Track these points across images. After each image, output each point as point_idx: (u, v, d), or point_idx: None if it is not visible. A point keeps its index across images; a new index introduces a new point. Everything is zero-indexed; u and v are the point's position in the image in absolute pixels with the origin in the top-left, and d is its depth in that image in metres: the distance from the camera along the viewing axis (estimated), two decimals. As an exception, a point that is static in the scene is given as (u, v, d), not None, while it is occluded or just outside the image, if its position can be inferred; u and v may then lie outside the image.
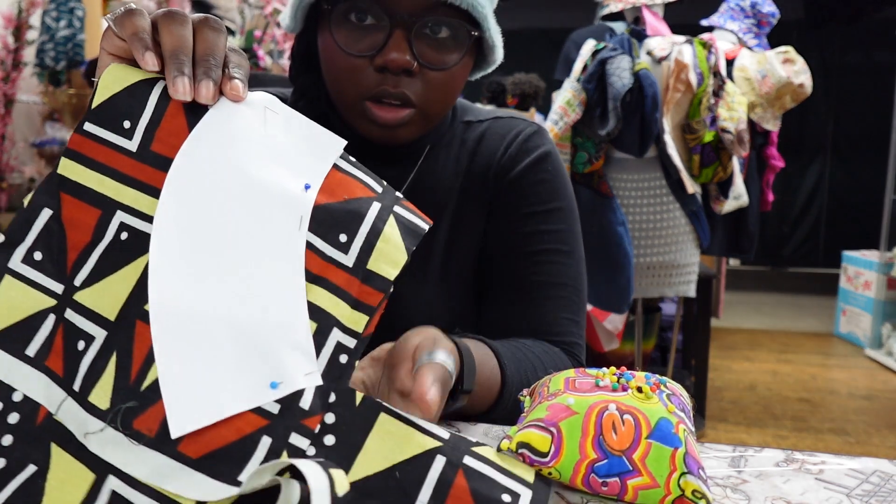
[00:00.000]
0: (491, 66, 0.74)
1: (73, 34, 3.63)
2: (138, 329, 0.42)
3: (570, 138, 2.18)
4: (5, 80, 3.29)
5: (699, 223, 2.20)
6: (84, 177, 0.47)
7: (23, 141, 3.65)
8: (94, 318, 0.44)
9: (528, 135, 0.77)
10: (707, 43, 2.15)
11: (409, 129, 0.68)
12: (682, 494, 0.43)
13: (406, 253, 0.48)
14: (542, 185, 0.75)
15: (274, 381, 0.41)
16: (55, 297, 0.45)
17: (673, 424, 0.45)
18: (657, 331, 2.90)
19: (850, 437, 2.60)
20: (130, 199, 0.46)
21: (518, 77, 4.01)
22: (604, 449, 0.45)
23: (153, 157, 0.46)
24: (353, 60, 0.64)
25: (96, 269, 0.45)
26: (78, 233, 0.46)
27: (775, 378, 3.29)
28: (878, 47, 5.78)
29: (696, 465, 0.44)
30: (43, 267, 0.45)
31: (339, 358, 0.44)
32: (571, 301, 0.75)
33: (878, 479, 0.50)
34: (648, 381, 0.49)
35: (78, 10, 3.65)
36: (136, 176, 0.46)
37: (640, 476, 0.44)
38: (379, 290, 0.46)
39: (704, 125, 2.12)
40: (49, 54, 3.60)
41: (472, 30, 0.64)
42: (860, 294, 3.84)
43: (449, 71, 0.65)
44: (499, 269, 0.75)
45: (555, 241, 0.74)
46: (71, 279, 0.45)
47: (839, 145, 6.02)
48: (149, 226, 0.45)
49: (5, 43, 3.31)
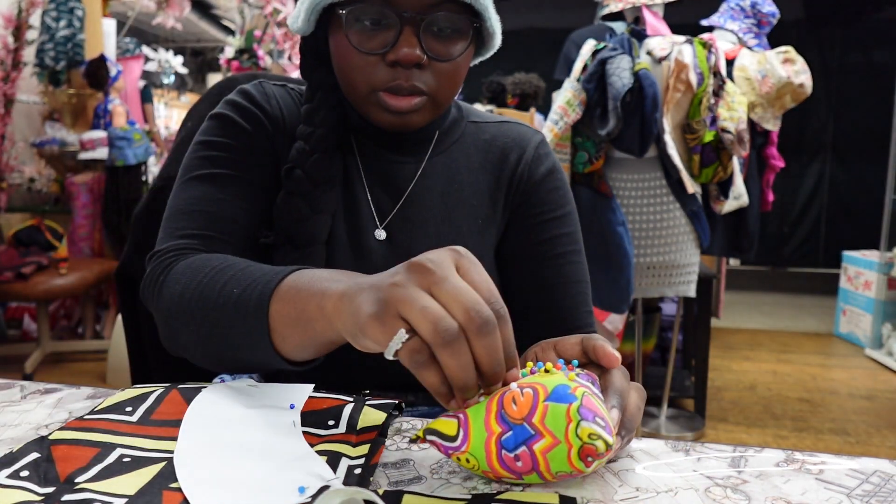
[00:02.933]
0: (490, 51, 0.78)
1: (73, 34, 3.62)
2: (166, 496, 0.46)
3: (570, 138, 2.17)
4: (5, 80, 3.29)
5: (699, 223, 2.20)
6: (80, 435, 0.53)
7: (23, 141, 3.64)
8: (105, 494, 0.46)
9: (538, 143, 0.83)
10: (707, 43, 2.15)
11: (420, 115, 0.72)
12: (583, 443, 0.44)
13: (385, 416, 0.57)
14: (556, 192, 0.82)
15: (301, 487, 0.47)
16: (43, 495, 0.46)
17: (570, 387, 0.46)
18: (657, 331, 2.90)
19: (851, 437, 2.59)
20: (130, 441, 0.53)
21: (518, 77, 4.01)
22: (506, 421, 0.45)
23: (153, 421, 0.55)
24: (368, 58, 0.69)
25: (99, 474, 0.49)
26: (71, 464, 0.50)
27: (775, 378, 3.29)
28: (878, 47, 5.78)
29: (592, 413, 0.44)
30: (30, 479, 0.48)
31: (354, 471, 0.49)
32: (587, 294, 0.82)
33: (878, 479, 0.50)
34: (563, 368, 0.50)
35: (78, 10, 3.65)
36: (136, 433, 0.54)
37: (543, 438, 0.44)
38: (373, 431, 0.54)
39: (704, 125, 2.12)
40: (49, 54, 3.59)
41: (475, 21, 0.69)
42: (860, 294, 3.84)
43: (455, 61, 0.70)
44: (521, 273, 0.80)
45: (570, 242, 0.81)
46: (68, 482, 0.48)
47: (839, 145, 6.02)
48: (153, 453, 0.51)
49: (5, 43, 3.31)
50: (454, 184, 0.80)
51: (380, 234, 0.76)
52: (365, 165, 0.79)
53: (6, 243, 3.24)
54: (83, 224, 3.51)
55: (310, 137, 0.74)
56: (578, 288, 0.80)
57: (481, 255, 0.77)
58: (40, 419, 0.59)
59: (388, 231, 0.77)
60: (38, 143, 3.60)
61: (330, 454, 0.51)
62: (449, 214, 0.78)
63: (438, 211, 0.78)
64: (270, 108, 0.77)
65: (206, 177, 0.73)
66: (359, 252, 0.76)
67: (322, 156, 0.74)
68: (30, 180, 3.56)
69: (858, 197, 5.82)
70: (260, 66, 4.12)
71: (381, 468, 0.51)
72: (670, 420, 2.63)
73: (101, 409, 0.58)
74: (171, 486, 0.47)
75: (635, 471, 0.51)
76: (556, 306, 0.79)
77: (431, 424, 0.48)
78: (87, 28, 3.74)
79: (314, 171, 0.73)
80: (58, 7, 3.58)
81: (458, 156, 0.81)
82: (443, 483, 0.48)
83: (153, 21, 4.96)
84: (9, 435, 0.56)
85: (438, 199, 0.78)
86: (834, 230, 6.04)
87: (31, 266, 2.98)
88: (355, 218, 0.77)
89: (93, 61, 3.58)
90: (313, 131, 0.74)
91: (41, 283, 2.95)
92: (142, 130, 3.59)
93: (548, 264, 0.79)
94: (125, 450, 0.52)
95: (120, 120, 3.56)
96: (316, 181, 0.73)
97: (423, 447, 0.54)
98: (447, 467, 0.51)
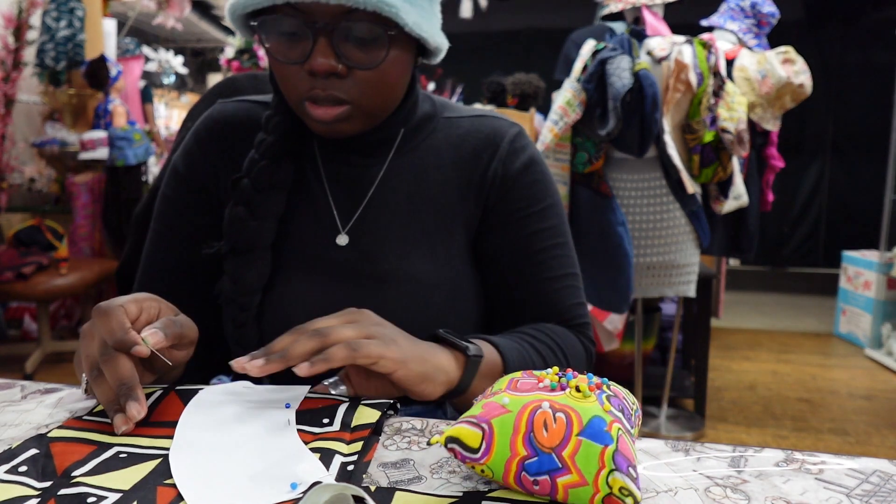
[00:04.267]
0: (434, 55, 0.76)
1: (73, 34, 3.62)
2: (160, 492, 0.47)
3: (570, 138, 2.17)
4: (5, 80, 3.28)
5: (699, 223, 2.20)
6: (78, 433, 0.54)
7: (23, 141, 3.64)
8: (101, 488, 0.47)
9: (513, 136, 0.81)
10: (707, 43, 2.15)
11: (350, 124, 0.71)
12: (611, 492, 0.43)
13: (379, 413, 0.57)
14: (535, 186, 0.80)
15: (294, 483, 0.47)
16: (40, 490, 0.47)
17: (606, 422, 0.44)
18: (657, 331, 2.90)
19: (850, 437, 2.60)
20: (127, 440, 0.54)
21: (518, 77, 4.01)
22: (534, 446, 0.44)
23: (151, 423, 0.56)
24: (290, 67, 0.69)
25: (96, 469, 0.50)
26: (68, 458, 0.51)
27: (775, 378, 3.29)
28: (878, 47, 5.77)
29: (626, 462, 0.43)
30: (28, 474, 0.49)
31: (347, 468, 0.50)
32: (575, 287, 0.81)
33: (877, 479, 0.50)
34: (590, 382, 0.49)
35: (78, 10, 3.65)
36: (133, 433, 0.55)
37: (570, 474, 0.43)
38: (367, 429, 0.55)
39: (704, 125, 2.12)
40: (49, 54, 3.59)
41: (389, 29, 0.67)
42: (860, 294, 3.84)
43: (378, 68, 0.68)
44: (506, 270, 0.79)
45: (553, 235, 0.80)
46: (65, 475, 0.49)
47: (839, 145, 6.02)
48: (149, 449, 0.52)
49: (5, 43, 3.30)
50: (422, 183, 0.78)
51: (341, 240, 0.76)
52: (326, 170, 0.78)
53: (6, 243, 3.24)
54: (83, 224, 3.51)
55: (260, 146, 0.75)
56: (565, 281, 0.80)
57: (450, 253, 0.77)
58: (40, 419, 0.59)
59: (351, 235, 0.76)
60: (39, 143, 3.60)
61: (323, 451, 0.51)
62: (415, 214, 0.77)
63: (404, 211, 0.77)
64: (210, 139, 0.80)
65: (153, 232, 0.82)
66: (318, 258, 0.75)
67: (269, 162, 0.74)
68: (30, 180, 3.56)
69: (858, 197, 5.82)
70: (260, 66, 4.12)
71: (381, 468, 0.51)
72: (670, 420, 2.64)
73: (99, 409, 0.58)
74: (166, 483, 0.47)
75: (635, 470, 0.51)
76: (544, 300, 0.79)
77: (453, 432, 0.46)
78: (88, 28, 3.74)
79: (258, 178, 0.74)
80: (58, 7, 3.58)
81: (428, 153, 0.79)
82: (443, 483, 0.48)
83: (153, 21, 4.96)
84: (9, 434, 0.56)
85: (404, 200, 0.77)
86: (834, 230, 6.03)
87: (32, 266, 2.98)
88: (315, 224, 0.77)
89: (93, 61, 3.58)
90: (264, 139, 0.76)
91: (41, 283, 2.95)
92: (142, 130, 3.59)
93: (531, 260, 0.79)
94: (122, 447, 0.52)
95: (120, 120, 3.56)
96: (259, 187, 0.74)
97: (422, 447, 0.54)
98: (447, 467, 0.51)
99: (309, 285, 0.75)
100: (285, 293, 0.75)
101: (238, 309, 0.74)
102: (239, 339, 0.75)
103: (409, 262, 0.75)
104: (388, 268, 0.75)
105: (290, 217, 0.77)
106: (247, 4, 0.66)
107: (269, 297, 0.75)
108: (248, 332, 0.75)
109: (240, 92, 0.97)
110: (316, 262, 0.75)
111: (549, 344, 0.76)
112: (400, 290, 0.74)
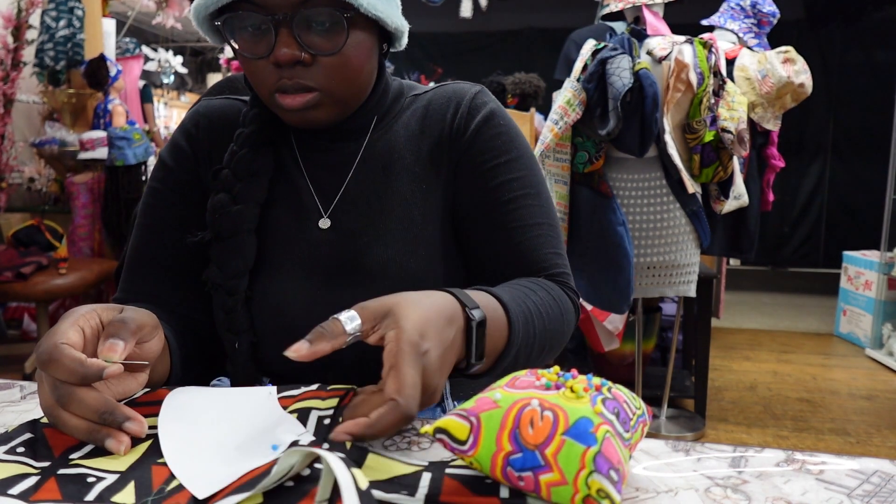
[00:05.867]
0: (396, 38, 0.77)
1: (72, 34, 3.62)
2: (155, 471, 0.49)
3: (570, 138, 2.17)
4: (5, 80, 3.28)
5: (699, 223, 2.20)
6: None
7: (22, 141, 3.64)
8: (99, 470, 0.48)
9: (473, 94, 0.82)
10: (707, 42, 2.15)
11: (321, 111, 0.73)
12: (588, 494, 0.43)
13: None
14: (498, 139, 0.81)
15: (274, 444, 0.50)
16: (39, 468, 0.48)
17: (593, 424, 0.44)
18: (657, 331, 2.90)
19: (851, 437, 2.59)
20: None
21: (518, 77, 4.01)
22: (519, 442, 0.45)
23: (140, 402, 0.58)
24: (256, 62, 0.71)
25: (92, 452, 0.51)
26: (63, 443, 0.52)
27: (776, 378, 3.29)
28: (878, 47, 5.78)
29: (608, 465, 0.43)
30: (26, 454, 0.50)
31: (324, 421, 0.53)
32: (551, 236, 0.81)
33: (878, 479, 0.50)
34: (590, 383, 0.49)
35: (77, 10, 3.65)
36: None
37: (552, 472, 0.44)
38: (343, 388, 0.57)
39: (705, 125, 2.12)
40: (49, 54, 3.59)
41: (345, 11, 0.68)
42: (861, 294, 3.84)
43: (342, 53, 0.70)
44: (478, 224, 0.80)
45: (522, 186, 0.80)
46: (62, 457, 0.50)
47: (839, 145, 6.02)
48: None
49: (5, 43, 3.30)
50: (395, 154, 0.80)
51: (324, 223, 0.78)
52: (304, 158, 0.81)
53: (6, 243, 3.24)
54: (83, 224, 3.51)
55: (239, 137, 0.78)
56: (537, 230, 0.79)
57: (427, 218, 0.79)
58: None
59: (333, 218, 0.78)
60: (38, 143, 3.59)
61: (300, 411, 0.54)
62: (391, 186, 0.79)
63: (381, 186, 0.79)
64: (197, 133, 0.83)
65: (139, 226, 0.82)
66: (302, 243, 0.78)
67: (248, 151, 0.77)
68: (30, 180, 3.56)
69: (858, 197, 5.82)
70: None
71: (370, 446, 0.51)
72: (670, 420, 2.63)
73: None
74: (160, 461, 0.50)
75: (635, 471, 0.51)
76: (518, 249, 0.79)
77: (442, 423, 0.47)
78: (87, 28, 3.74)
79: (238, 167, 0.76)
80: (58, 7, 3.58)
81: (399, 129, 0.82)
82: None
83: (153, 21, 4.96)
84: (8, 435, 0.56)
85: (381, 175, 0.79)
86: (834, 230, 6.04)
87: (31, 266, 2.98)
88: (298, 210, 0.79)
89: (92, 61, 3.58)
90: (242, 131, 0.78)
91: (41, 283, 2.95)
92: (141, 130, 3.59)
93: (500, 210, 0.79)
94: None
95: (120, 120, 3.56)
96: (240, 176, 0.76)
97: (423, 447, 0.54)
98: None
99: (295, 268, 0.77)
100: (272, 277, 0.77)
101: (226, 294, 0.75)
102: (229, 325, 0.76)
103: (389, 239, 0.77)
104: (369, 247, 0.76)
105: (272, 204, 0.79)
106: (208, 4, 0.69)
107: (256, 282, 0.77)
108: (237, 317, 0.75)
109: (239, 91, 0.98)
110: (300, 246, 0.77)
111: (537, 290, 0.74)
112: (382, 269, 0.76)
